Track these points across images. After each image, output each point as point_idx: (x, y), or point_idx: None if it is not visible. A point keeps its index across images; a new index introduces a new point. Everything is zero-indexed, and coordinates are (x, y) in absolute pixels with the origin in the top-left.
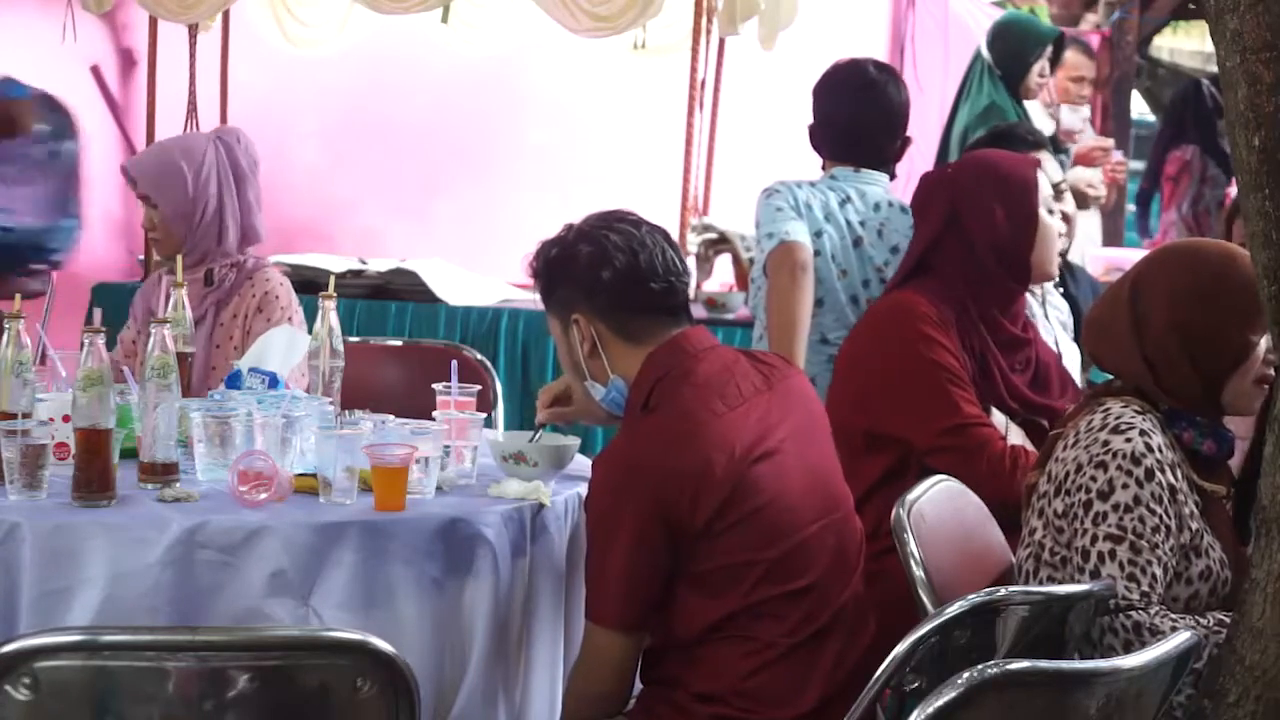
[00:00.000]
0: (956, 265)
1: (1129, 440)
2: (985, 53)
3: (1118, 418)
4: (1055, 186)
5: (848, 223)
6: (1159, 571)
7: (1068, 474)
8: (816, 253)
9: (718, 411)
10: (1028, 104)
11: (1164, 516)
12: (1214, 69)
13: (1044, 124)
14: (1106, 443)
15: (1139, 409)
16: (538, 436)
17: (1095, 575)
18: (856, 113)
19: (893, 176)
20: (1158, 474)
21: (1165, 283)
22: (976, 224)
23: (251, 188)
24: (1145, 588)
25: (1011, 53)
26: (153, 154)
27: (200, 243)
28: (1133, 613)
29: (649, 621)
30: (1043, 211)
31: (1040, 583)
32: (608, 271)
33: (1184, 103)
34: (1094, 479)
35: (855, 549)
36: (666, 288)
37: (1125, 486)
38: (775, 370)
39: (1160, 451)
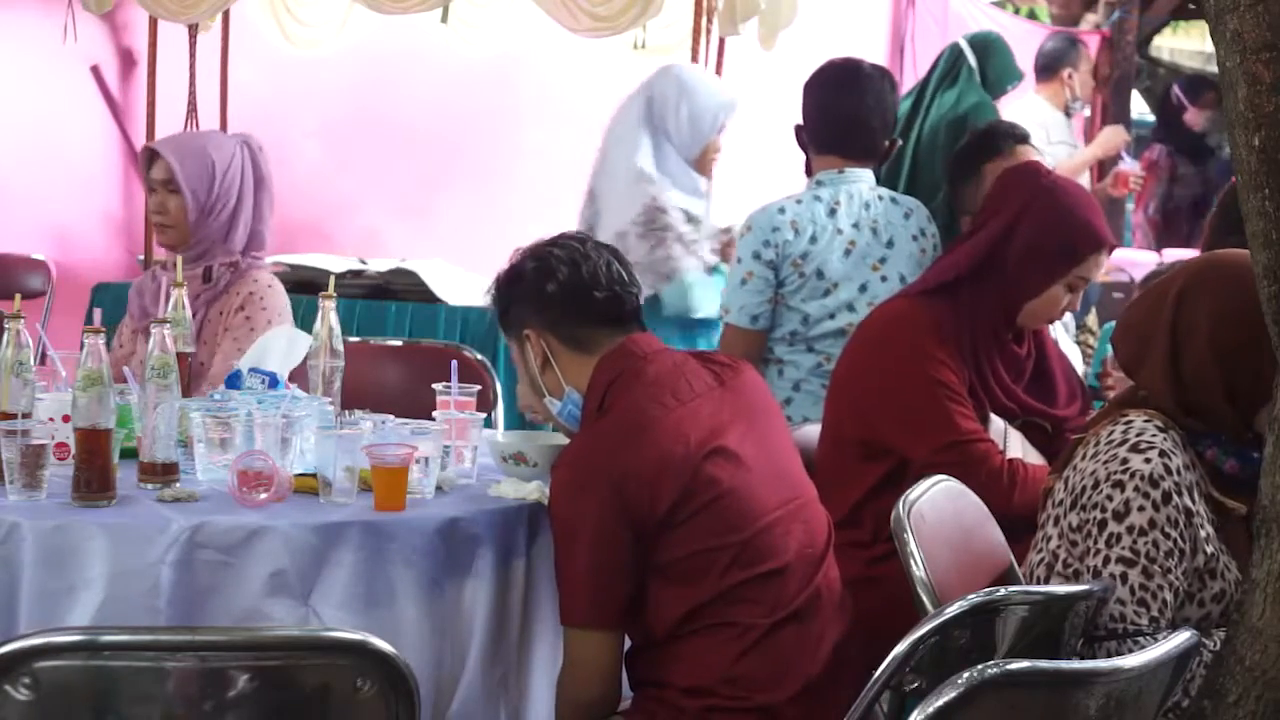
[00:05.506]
0: (998, 266)
1: (1148, 461)
2: (970, 55)
3: (1139, 434)
4: None
5: (838, 231)
6: (1169, 597)
7: (1084, 488)
8: (799, 275)
9: (669, 406)
10: (1041, 101)
11: (1178, 541)
12: (1214, 69)
13: (1058, 120)
14: (1125, 461)
15: (1161, 425)
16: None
17: (1104, 597)
18: (854, 106)
19: (878, 176)
20: (1175, 497)
21: (1210, 301)
22: (1019, 241)
23: (266, 195)
24: (1154, 613)
25: (995, 75)
26: (184, 140)
27: (206, 238)
28: (1141, 638)
29: (622, 619)
30: (1061, 286)
31: None
32: (552, 284)
33: (1160, 105)
34: (1110, 498)
35: (824, 534)
36: (611, 296)
37: (1141, 509)
38: (725, 368)
39: (1179, 474)
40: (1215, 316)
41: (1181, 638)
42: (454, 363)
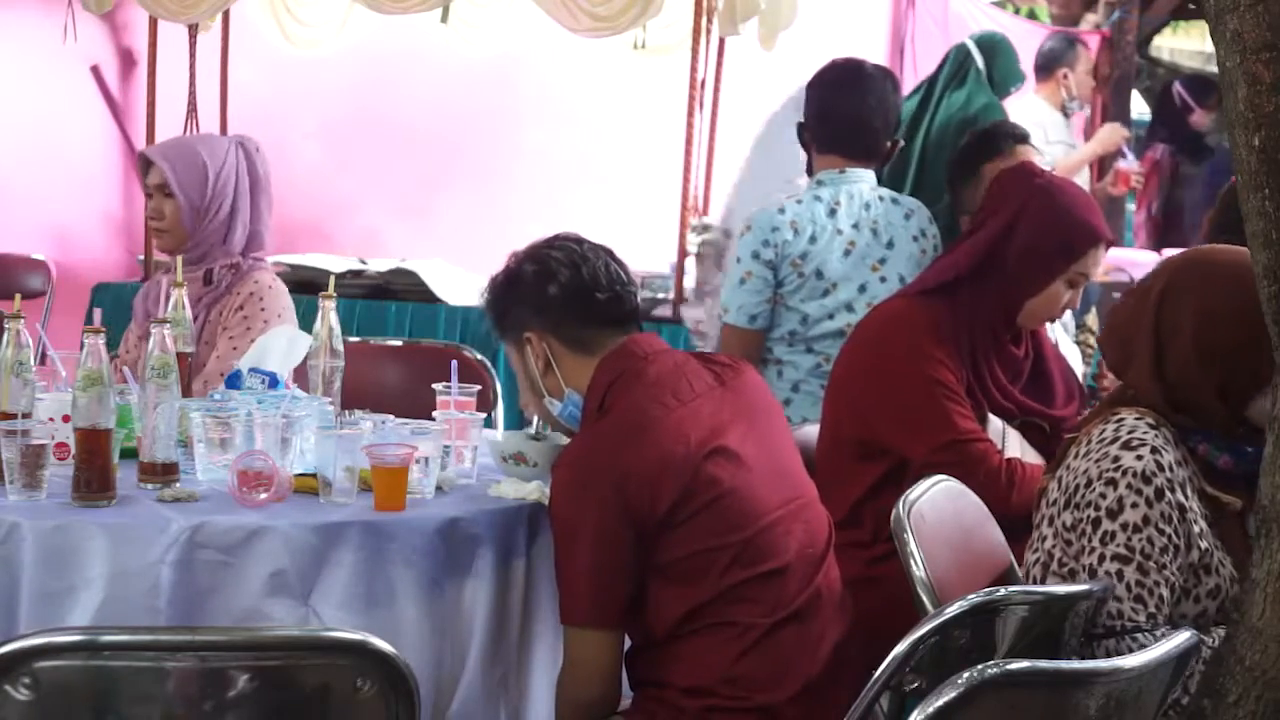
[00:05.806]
0: (998, 266)
1: (1140, 458)
2: (977, 56)
3: (1130, 431)
4: None
5: (838, 231)
6: (1166, 593)
7: (1077, 487)
8: (798, 275)
9: (670, 406)
10: (1039, 101)
11: (1173, 536)
12: (1214, 69)
13: (1055, 120)
14: (1117, 459)
15: (1152, 422)
16: (542, 428)
17: (1103, 597)
18: (856, 106)
19: (880, 176)
20: (1167, 493)
21: (1193, 300)
22: (1017, 241)
23: (264, 196)
24: (1152, 609)
25: (1000, 76)
26: (176, 144)
27: (204, 240)
28: (1139, 635)
29: (622, 619)
30: (1061, 283)
31: None
32: (554, 286)
33: (1158, 103)
34: (1103, 496)
35: (824, 534)
36: (612, 297)
37: (1135, 506)
38: (726, 369)
39: (1171, 470)
40: (1199, 315)
41: (1181, 638)
42: (454, 363)
